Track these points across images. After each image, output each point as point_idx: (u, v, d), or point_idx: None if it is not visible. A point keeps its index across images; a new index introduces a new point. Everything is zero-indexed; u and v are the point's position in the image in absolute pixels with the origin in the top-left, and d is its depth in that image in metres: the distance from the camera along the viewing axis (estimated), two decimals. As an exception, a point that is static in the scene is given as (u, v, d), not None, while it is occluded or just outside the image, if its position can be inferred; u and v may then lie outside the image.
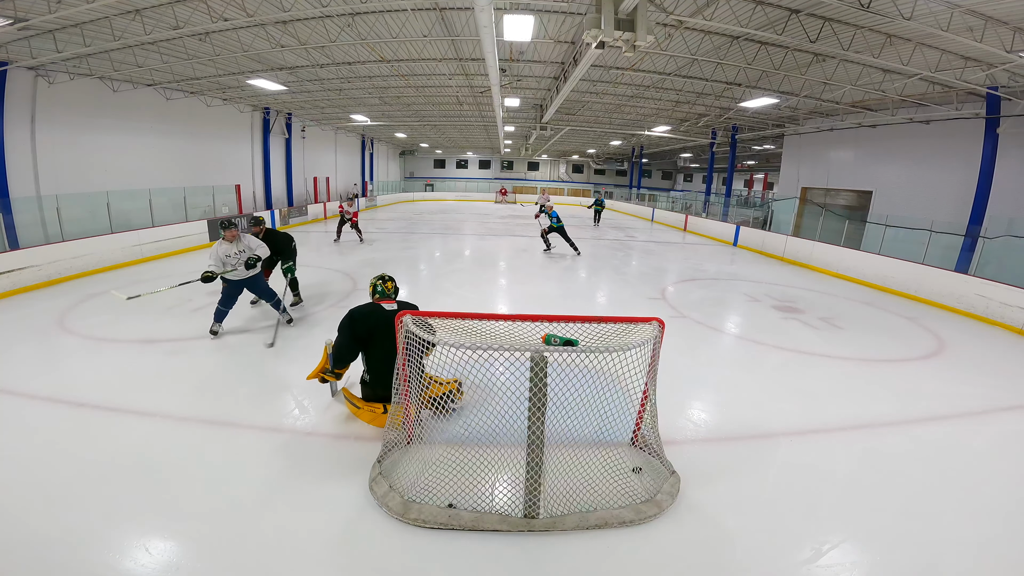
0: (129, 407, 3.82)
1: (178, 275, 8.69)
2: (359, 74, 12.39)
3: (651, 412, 3.20)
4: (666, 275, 9.95)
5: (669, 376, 3.96)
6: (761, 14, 7.46)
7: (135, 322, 5.93)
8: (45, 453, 3.18)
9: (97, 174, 11.19)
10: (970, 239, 10.00)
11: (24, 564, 2.29)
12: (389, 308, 3.54)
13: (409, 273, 9.57)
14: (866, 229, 12.23)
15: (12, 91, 9.32)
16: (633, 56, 10.13)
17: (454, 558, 2.42)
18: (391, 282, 3.72)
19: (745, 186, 35.01)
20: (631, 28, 5.58)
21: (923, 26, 6.74)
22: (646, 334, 2.93)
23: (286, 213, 16.45)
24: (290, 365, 4.78)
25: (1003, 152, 10.02)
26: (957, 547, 2.61)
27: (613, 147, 29.95)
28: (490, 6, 5.59)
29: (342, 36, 9.01)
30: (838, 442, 3.68)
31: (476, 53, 10.23)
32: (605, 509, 2.72)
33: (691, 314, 7.08)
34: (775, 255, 13.06)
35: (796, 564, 2.45)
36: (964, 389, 4.82)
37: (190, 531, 2.53)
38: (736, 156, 20.09)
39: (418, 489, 2.81)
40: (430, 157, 38.64)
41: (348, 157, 26.55)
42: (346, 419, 3.74)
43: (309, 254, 11.71)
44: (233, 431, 3.54)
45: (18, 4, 6.76)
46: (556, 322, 3.02)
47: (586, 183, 38.24)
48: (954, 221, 10.51)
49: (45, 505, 2.68)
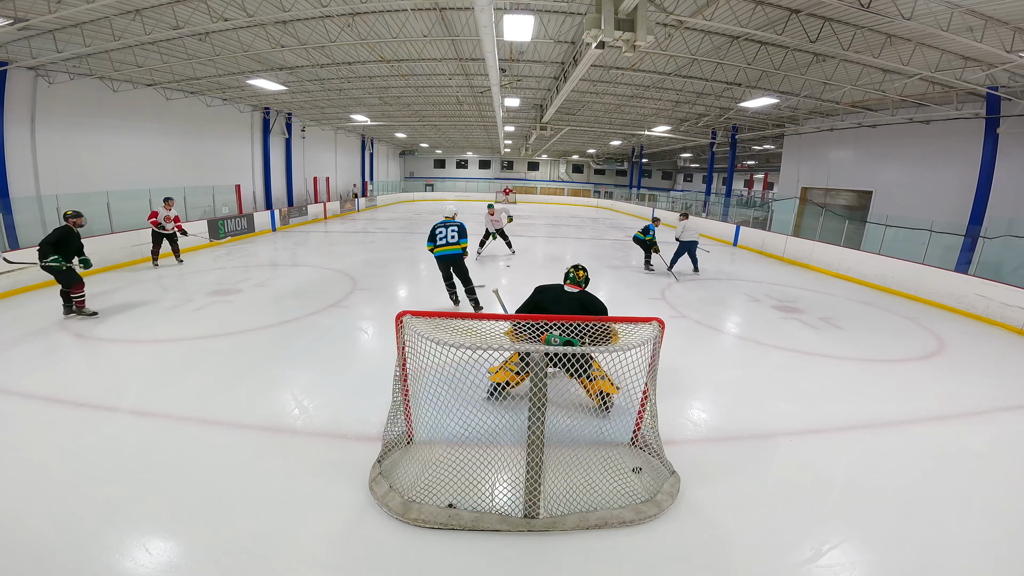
0: (129, 407, 3.82)
1: (178, 275, 8.71)
2: (359, 74, 12.39)
3: (651, 412, 3.20)
4: (666, 275, 9.95)
5: (669, 376, 3.97)
6: (761, 14, 7.46)
7: (135, 322, 5.94)
8: (45, 453, 3.18)
9: (97, 174, 11.18)
10: (970, 239, 10.00)
11: (24, 564, 2.29)
12: (570, 291, 3.85)
13: (409, 273, 9.56)
14: (866, 229, 12.23)
15: (12, 91, 9.32)
16: (633, 56, 10.14)
17: (454, 558, 2.42)
18: (583, 271, 3.94)
19: (745, 186, 35.03)
20: (631, 28, 5.58)
21: (923, 26, 6.73)
22: (646, 334, 2.93)
23: (286, 213, 16.44)
24: (290, 365, 4.78)
25: (1003, 152, 10.02)
26: (957, 547, 2.61)
27: (613, 147, 29.96)
28: (490, 6, 5.59)
29: (342, 36, 9.01)
30: (838, 442, 3.68)
31: (476, 53, 10.23)
32: (605, 509, 2.72)
33: (691, 314, 7.08)
34: (775, 255, 13.05)
35: (796, 564, 2.45)
36: (964, 389, 4.82)
37: (190, 531, 2.53)
38: (736, 156, 20.10)
39: (418, 489, 2.80)
40: (430, 157, 38.64)
41: (348, 157, 26.56)
42: (346, 419, 3.74)
43: (309, 254, 11.73)
44: (233, 431, 3.53)
45: (18, 4, 6.76)
46: (556, 322, 3.03)
47: (586, 183, 38.25)
48: (954, 221, 10.51)
49: (45, 505, 2.68)
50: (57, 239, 5.87)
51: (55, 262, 5.78)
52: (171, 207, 9.42)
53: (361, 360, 5.08)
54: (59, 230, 5.95)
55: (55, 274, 5.92)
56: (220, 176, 15.46)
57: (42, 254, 5.85)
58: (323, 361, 4.92)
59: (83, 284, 6.12)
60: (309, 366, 4.79)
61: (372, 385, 4.16)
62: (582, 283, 3.90)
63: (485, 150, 36.45)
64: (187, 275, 8.74)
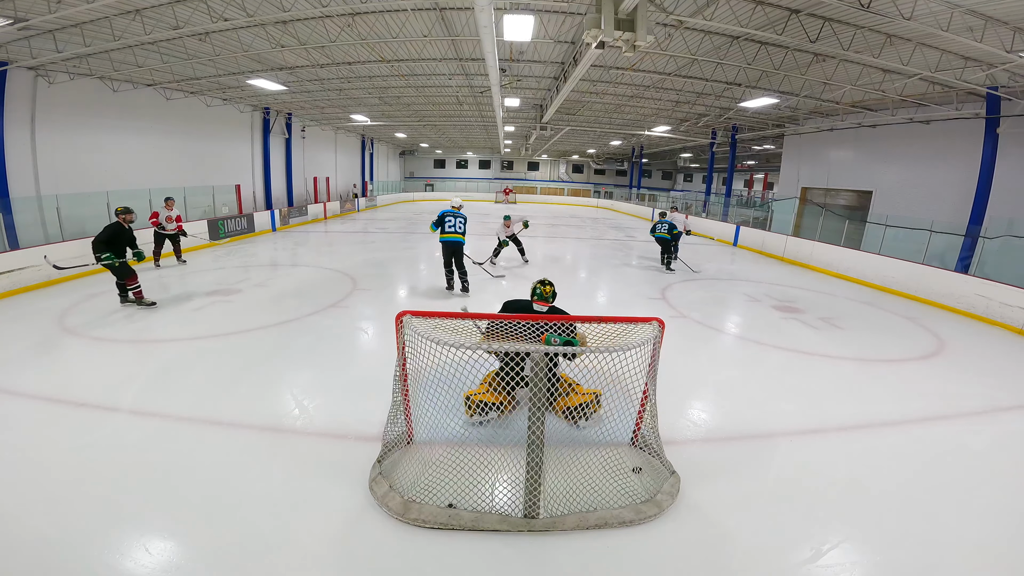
0: (129, 407, 3.82)
1: (178, 275, 8.71)
2: (359, 74, 12.39)
3: (651, 412, 3.20)
4: (666, 275, 9.95)
5: (669, 376, 3.96)
6: (761, 14, 7.46)
7: (135, 322, 5.94)
8: (45, 453, 3.18)
9: (97, 174, 11.18)
10: (970, 239, 10.00)
11: (24, 564, 2.29)
12: (540, 309, 3.77)
13: (409, 273, 9.56)
14: (866, 229, 12.23)
15: (12, 91, 9.32)
16: (633, 56, 10.13)
17: (454, 558, 2.42)
18: (549, 286, 3.85)
19: (745, 186, 35.01)
20: (631, 28, 5.58)
21: (923, 26, 6.73)
22: (646, 334, 2.93)
23: (286, 213, 16.44)
24: (290, 365, 4.78)
25: (1003, 152, 10.02)
26: (957, 547, 2.61)
27: (613, 147, 29.96)
28: (490, 6, 5.59)
29: (342, 36, 9.01)
30: (838, 442, 3.68)
31: (476, 53, 10.22)
32: (605, 509, 2.72)
33: (691, 314, 7.08)
34: (775, 255, 13.05)
35: (796, 564, 2.45)
36: (964, 389, 4.82)
37: (190, 531, 2.53)
38: (736, 156, 20.09)
39: (418, 489, 2.81)
40: (430, 157, 38.63)
41: (348, 157, 26.56)
42: (346, 419, 3.74)
43: (309, 254, 11.72)
44: (233, 431, 3.53)
45: (18, 4, 6.76)
46: (556, 322, 3.03)
47: (586, 183, 38.24)
48: (954, 221, 10.51)
49: (45, 505, 2.68)
50: (108, 236, 6.16)
51: (108, 259, 6.06)
52: (172, 207, 9.44)
53: (361, 360, 5.08)
54: (110, 227, 6.24)
55: (110, 269, 6.25)
56: (220, 176, 15.46)
57: (96, 251, 6.13)
58: (323, 361, 4.92)
59: (136, 276, 6.46)
60: (309, 366, 4.79)
61: (372, 385, 4.15)
62: (549, 299, 3.85)
63: (485, 150, 36.45)
64: (187, 275, 8.73)
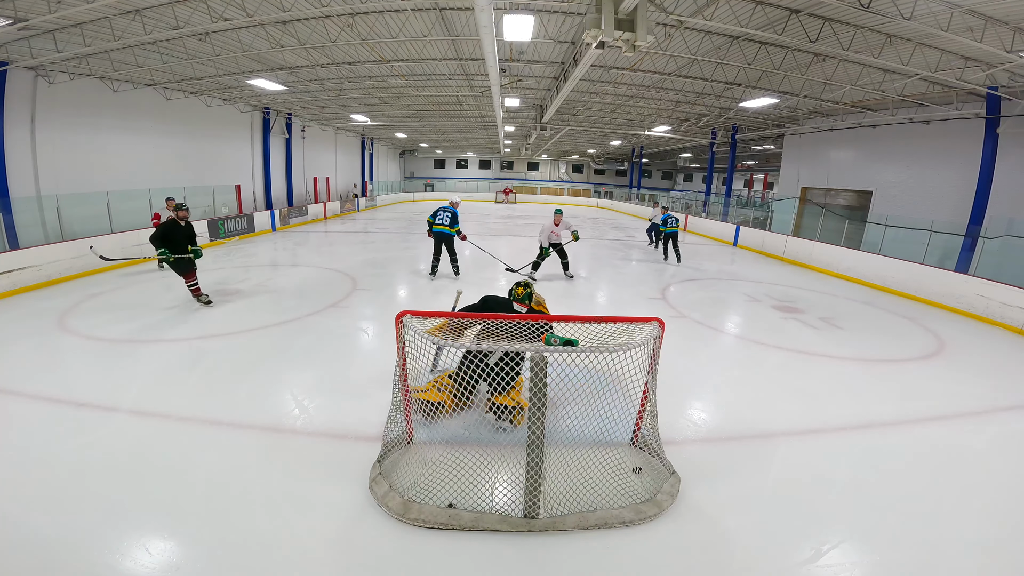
0: (129, 407, 3.82)
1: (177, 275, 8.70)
2: (359, 74, 12.38)
3: (651, 412, 3.20)
4: (666, 275, 9.95)
5: (669, 376, 3.96)
6: (761, 14, 7.46)
7: (135, 322, 5.94)
8: (45, 453, 3.18)
9: (97, 174, 11.18)
10: (970, 239, 10.00)
11: (24, 564, 2.29)
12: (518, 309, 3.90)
13: (409, 273, 9.56)
14: (866, 229, 12.22)
15: (12, 91, 9.32)
16: (633, 56, 10.13)
17: (454, 558, 2.42)
18: (522, 288, 3.94)
19: (745, 186, 34.98)
20: (631, 28, 5.58)
21: (923, 26, 6.73)
22: (646, 334, 2.93)
23: (286, 213, 16.44)
24: (290, 365, 4.78)
25: (1003, 152, 10.01)
26: (957, 547, 2.61)
27: (613, 147, 29.95)
28: (490, 6, 5.59)
29: (342, 36, 9.01)
30: (838, 442, 3.68)
31: (476, 53, 10.22)
32: (605, 509, 2.72)
33: (691, 314, 7.08)
34: (775, 255, 13.05)
35: (796, 564, 2.45)
36: (964, 389, 4.82)
37: (190, 531, 2.53)
38: (736, 156, 20.09)
39: (418, 489, 2.81)
40: (430, 157, 38.63)
41: (348, 157, 26.55)
42: (345, 419, 3.74)
43: (309, 254, 11.72)
44: (233, 431, 3.53)
45: (18, 4, 6.76)
46: (556, 322, 3.02)
47: (586, 183, 38.24)
48: (954, 221, 10.51)
49: (45, 505, 2.68)
50: (162, 233, 6.25)
51: (162, 255, 6.17)
52: (173, 207, 9.42)
53: (361, 360, 5.08)
54: (164, 224, 6.36)
55: (168, 264, 6.39)
56: (220, 176, 15.46)
57: (154, 246, 6.23)
58: (323, 361, 4.92)
59: (194, 273, 6.57)
60: (309, 366, 4.79)
61: (372, 385, 4.16)
62: (525, 300, 3.92)
63: (485, 150, 36.44)
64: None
